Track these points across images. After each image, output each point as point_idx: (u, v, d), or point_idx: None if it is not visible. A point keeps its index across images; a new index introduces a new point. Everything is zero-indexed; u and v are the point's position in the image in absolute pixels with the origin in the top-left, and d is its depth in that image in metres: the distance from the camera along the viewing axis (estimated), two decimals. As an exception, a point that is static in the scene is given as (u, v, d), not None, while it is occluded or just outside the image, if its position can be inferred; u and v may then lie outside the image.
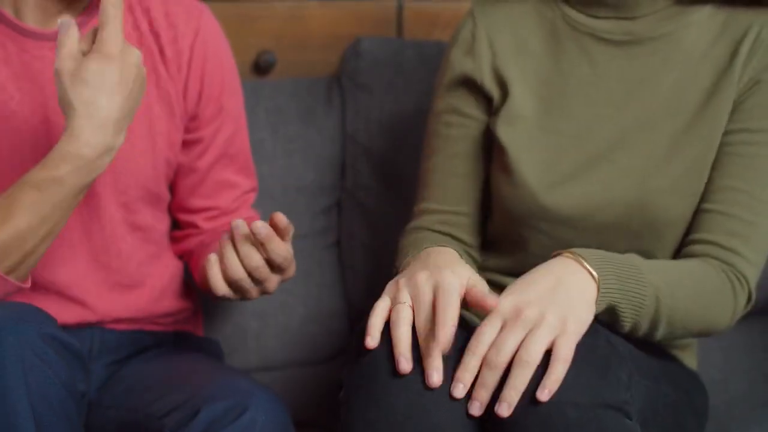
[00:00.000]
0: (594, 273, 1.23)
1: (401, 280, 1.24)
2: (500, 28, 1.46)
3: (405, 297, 1.21)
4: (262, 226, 1.30)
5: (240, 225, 1.31)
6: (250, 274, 1.33)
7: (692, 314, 1.31)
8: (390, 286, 1.24)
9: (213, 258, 1.34)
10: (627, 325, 1.28)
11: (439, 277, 1.21)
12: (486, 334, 1.18)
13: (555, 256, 1.26)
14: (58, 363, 1.22)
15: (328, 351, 1.78)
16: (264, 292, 1.38)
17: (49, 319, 1.26)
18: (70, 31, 1.26)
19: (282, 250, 1.32)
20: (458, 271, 1.23)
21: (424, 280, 1.21)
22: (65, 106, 1.26)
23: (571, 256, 1.24)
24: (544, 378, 1.15)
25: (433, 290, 1.20)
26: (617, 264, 1.26)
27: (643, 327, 1.29)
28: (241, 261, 1.32)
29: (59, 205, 1.27)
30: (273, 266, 1.34)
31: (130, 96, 1.27)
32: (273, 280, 1.37)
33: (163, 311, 1.54)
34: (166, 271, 1.55)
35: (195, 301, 1.63)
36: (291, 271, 1.39)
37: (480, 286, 1.23)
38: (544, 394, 1.15)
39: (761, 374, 1.72)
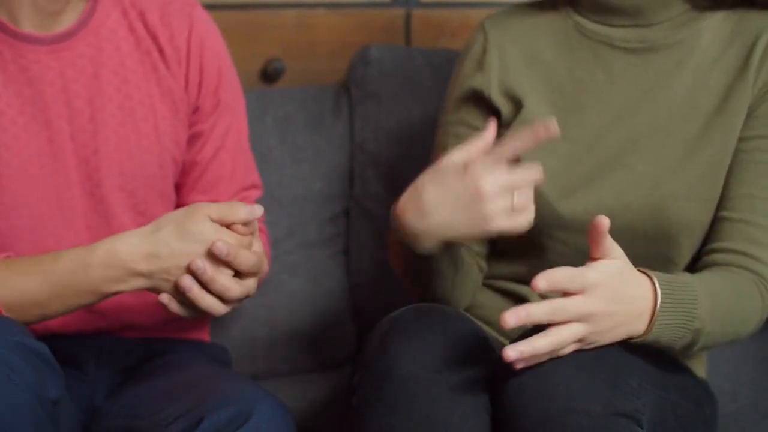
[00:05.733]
0: (655, 323, 1.21)
1: None
2: (511, 41, 1.46)
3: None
4: (222, 245, 1.28)
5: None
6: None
7: (727, 335, 1.31)
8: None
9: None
10: (658, 346, 1.27)
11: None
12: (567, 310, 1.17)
13: (647, 275, 1.23)
14: (24, 369, 1.19)
15: (335, 358, 1.78)
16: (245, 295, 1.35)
17: (15, 326, 1.24)
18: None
19: (249, 260, 1.30)
20: None
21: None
22: None
23: (652, 292, 1.22)
24: (530, 339, 1.14)
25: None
26: (681, 307, 1.23)
27: (675, 349, 1.28)
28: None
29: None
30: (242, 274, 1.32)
31: None
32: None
33: (169, 315, 1.54)
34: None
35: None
36: (263, 270, 1.37)
37: None
38: (514, 352, 1.14)
39: (770, 384, 1.72)
